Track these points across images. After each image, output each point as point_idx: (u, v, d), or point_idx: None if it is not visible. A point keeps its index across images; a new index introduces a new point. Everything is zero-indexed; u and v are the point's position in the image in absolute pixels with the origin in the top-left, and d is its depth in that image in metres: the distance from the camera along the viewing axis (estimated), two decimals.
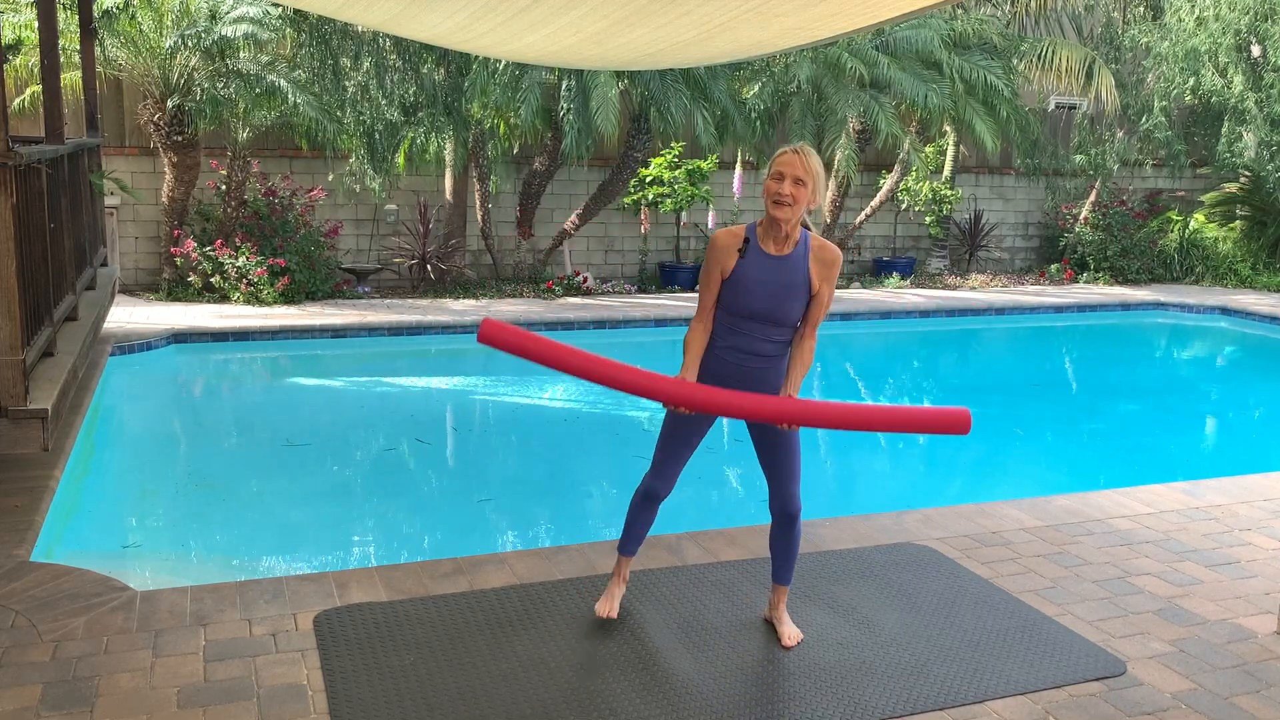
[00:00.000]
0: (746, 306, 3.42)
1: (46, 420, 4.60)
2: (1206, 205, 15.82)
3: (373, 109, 11.27)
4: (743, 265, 3.42)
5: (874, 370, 11.00)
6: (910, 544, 4.63)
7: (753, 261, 3.43)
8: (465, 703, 3.23)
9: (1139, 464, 7.49)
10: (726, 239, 3.46)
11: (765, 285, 3.41)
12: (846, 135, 12.74)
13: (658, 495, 3.64)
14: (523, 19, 5.03)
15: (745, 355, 3.47)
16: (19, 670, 3.36)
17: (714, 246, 3.46)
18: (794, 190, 3.33)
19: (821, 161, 3.43)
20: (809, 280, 3.45)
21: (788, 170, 3.33)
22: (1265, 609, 4.05)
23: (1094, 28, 15.56)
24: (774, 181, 3.36)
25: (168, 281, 11.33)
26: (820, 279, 3.46)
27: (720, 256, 3.44)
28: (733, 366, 3.48)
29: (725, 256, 3.44)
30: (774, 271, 3.42)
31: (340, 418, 8.21)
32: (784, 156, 3.36)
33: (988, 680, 3.45)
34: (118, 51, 10.67)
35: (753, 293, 3.41)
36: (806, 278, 3.44)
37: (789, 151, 3.37)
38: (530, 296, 12.14)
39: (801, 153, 3.35)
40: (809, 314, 3.49)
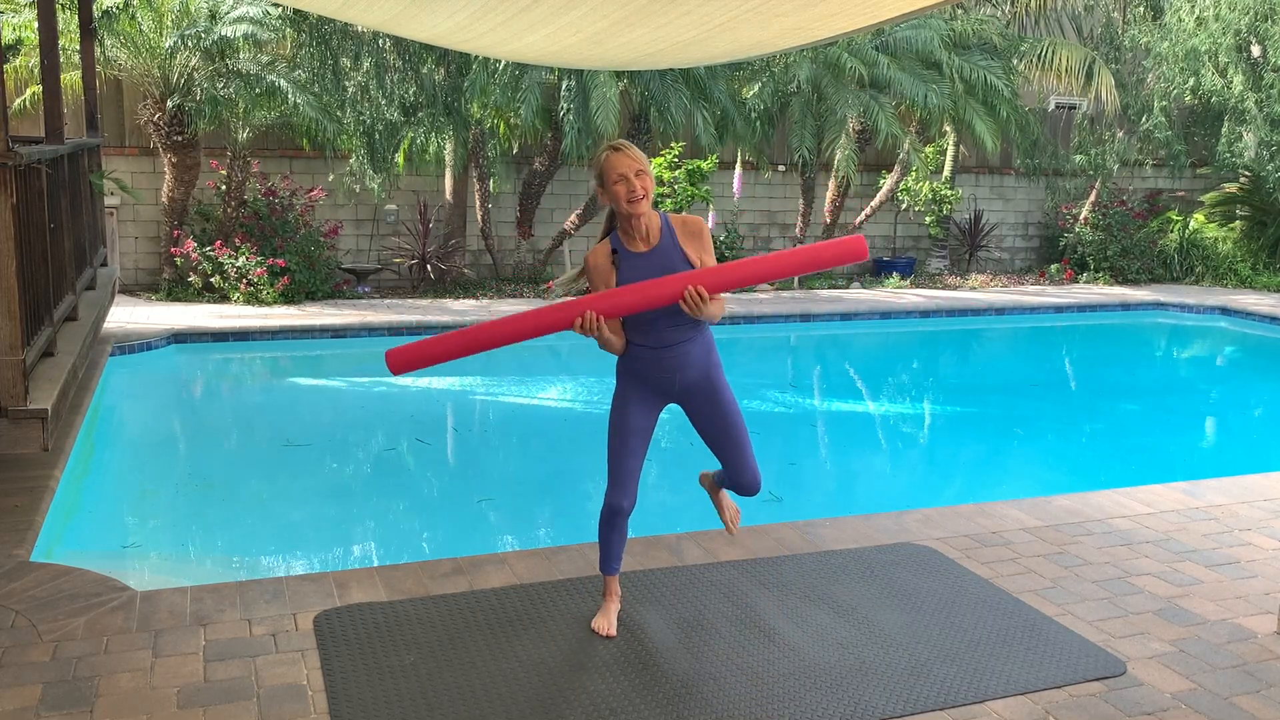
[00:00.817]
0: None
1: (46, 420, 4.60)
2: (1206, 205, 15.82)
3: (373, 109, 11.27)
4: (621, 274, 3.44)
5: (874, 370, 11.00)
6: (910, 544, 4.63)
7: (628, 265, 3.44)
8: (465, 703, 3.23)
9: (1139, 464, 7.49)
10: (598, 258, 3.48)
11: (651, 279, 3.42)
12: (846, 135, 12.74)
13: (622, 510, 3.60)
14: (523, 19, 5.03)
15: (659, 348, 3.49)
16: (19, 670, 3.36)
17: (590, 269, 3.50)
18: (642, 183, 3.36)
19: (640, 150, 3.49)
20: (687, 260, 3.44)
21: (627, 169, 3.36)
22: (1265, 609, 4.05)
23: (1094, 28, 15.56)
24: (620, 185, 3.36)
25: (168, 281, 11.34)
26: (697, 251, 3.46)
27: (601, 275, 3.47)
28: (655, 360, 3.51)
29: (604, 273, 3.46)
30: (651, 266, 3.43)
31: (340, 418, 8.21)
32: (614, 158, 3.37)
33: (988, 680, 3.45)
34: (118, 51, 10.67)
35: None
36: (683, 257, 3.44)
37: (613, 153, 3.39)
38: (530, 296, 12.14)
39: (625, 148, 3.40)
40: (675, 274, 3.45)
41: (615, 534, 3.66)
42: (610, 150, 3.40)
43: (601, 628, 3.69)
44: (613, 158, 3.38)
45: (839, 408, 9.06)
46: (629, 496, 3.59)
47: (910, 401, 9.60)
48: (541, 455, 7.49)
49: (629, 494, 3.59)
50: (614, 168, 3.37)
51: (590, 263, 3.51)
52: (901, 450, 8.07)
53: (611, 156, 3.38)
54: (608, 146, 3.43)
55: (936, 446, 8.25)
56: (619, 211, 3.43)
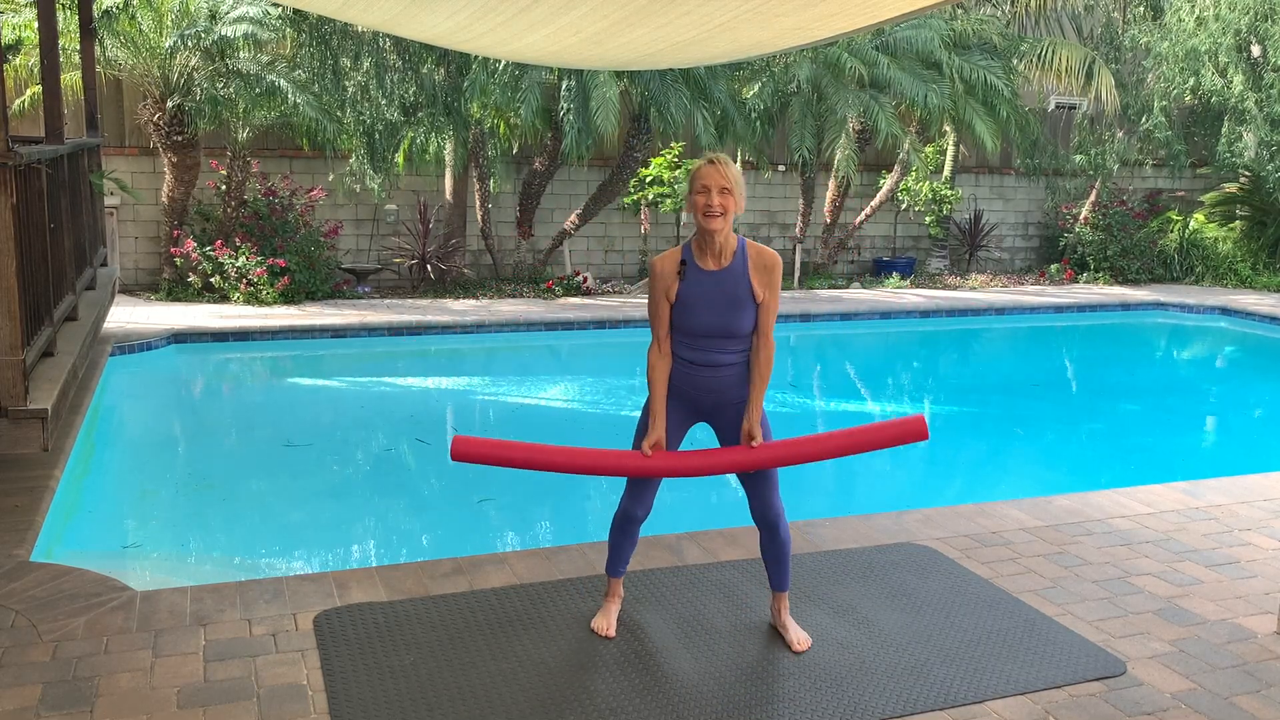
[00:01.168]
0: (696, 325, 3.44)
1: (46, 420, 4.60)
2: (1206, 205, 15.82)
3: (373, 109, 11.27)
4: (685, 286, 3.43)
5: (874, 370, 11.00)
6: (910, 544, 4.63)
7: (693, 280, 3.43)
8: (465, 703, 3.23)
9: (1139, 464, 7.49)
10: (665, 264, 3.47)
11: (710, 302, 3.42)
12: (846, 135, 12.74)
13: (636, 518, 3.62)
14: (523, 19, 5.03)
15: (701, 366, 3.49)
16: (19, 670, 3.36)
17: (655, 274, 3.48)
18: (722, 200, 3.34)
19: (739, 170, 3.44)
20: (752, 290, 3.44)
21: (711, 182, 3.34)
22: (1265, 609, 4.05)
23: (1094, 28, 15.56)
24: (700, 196, 3.35)
25: (168, 281, 11.34)
26: (763, 286, 3.44)
27: (663, 282, 3.46)
28: (696, 377, 3.51)
29: (668, 280, 3.45)
30: (716, 286, 3.42)
31: (340, 418, 8.21)
32: (704, 170, 3.36)
33: (988, 680, 3.45)
34: (118, 51, 10.67)
35: (700, 311, 3.43)
36: (749, 288, 3.43)
37: (706, 164, 3.38)
38: (530, 296, 12.14)
39: (720, 162, 3.37)
40: (759, 322, 3.48)
41: (626, 540, 3.67)
42: (706, 161, 3.38)
43: (601, 628, 3.69)
44: (704, 169, 3.36)
45: (839, 408, 9.06)
46: (645, 506, 3.60)
47: (910, 401, 9.59)
48: None
49: (645, 504, 3.59)
50: (700, 178, 3.36)
51: (657, 268, 3.48)
52: (901, 450, 8.06)
53: (704, 167, 3.36)
54: (705, 158, 3.40)
55: (936, 446, 8.25)
56: (697, 225, 3.41)
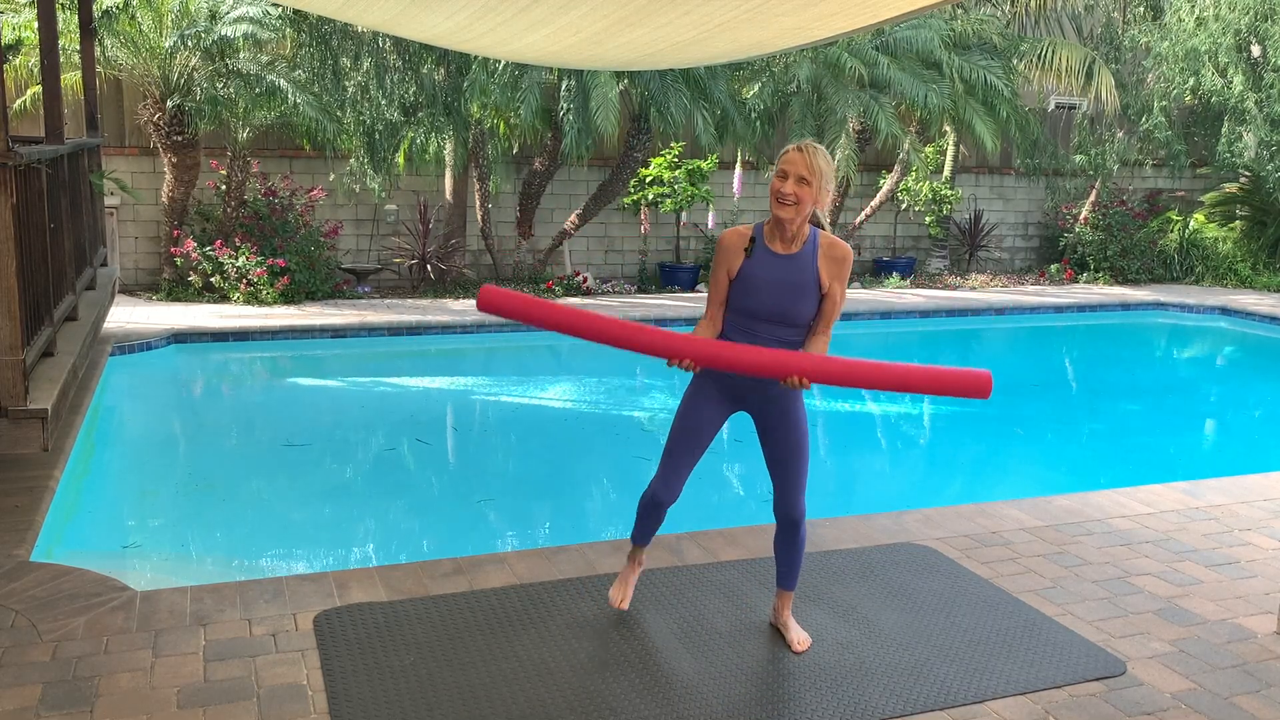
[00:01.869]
0: (754, 306, 3.37)
1: (46, 420, 4.60)
2: (1206, 205, 15.82)
3: (373, 109, 11.27)
4: (749, 264, 3.37)
5: None
6: (910, 544, 4.63)
7: (759, 260, 3.37)
8: (465, 703, 3.23)
9: (1139, 464, 7.49)
10: (733, 238, 3.41)
11: (773, 285, 3.35)
12: (846, 135, 12.74)
13: (663, 503, 3.57)
14: (523, 19, 5.03)
15: None
16: (19, 670, 3.36)
17: (721, 246, 3.43)
18: (797, 189, 3.26)
19: (830, 159, 3.35)
20: (818, 279, 3.37)
21: (791, 169, 3.28)
22: (1265, 609, 4.05)
23: (1094, 28, 15.56)
24: (778, 180, 3.30)
25: (168, 281, 11.34)
26: (831, 277, 3.38)
27: (727, 256, 3.41)
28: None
29: (732, 256, 3.39)
30: (781, 270, 3.36)
31: (340, 418, 8.21)
32: (788, 154, 3.31)
33: (988, 680, 3.45)
34: (118, 51, 10.67)
35: (760, 292, 3.36)
36: (816, 276, 3.37)
37: (793, 149, 3.31)
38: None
39: (806, 150, 3.29)
40: (822, 312, 3.41)
41: (651, 520, 3.66)
42: (795, 148, 3.31)
43: (615, 599, 3.69)
44: (790, 154, 3.30)
45: (839, 408, 9.06)
46: (674, 493, 3.55)
47: (910, 401, 9.60)
48: (541, 455, 7.49)
49: (674, 490, 3.55)
50: (783, 163, 3.30)
51: (724, 241, 3.42)
52: (901, 450, 8.07)
53: (791, 153, 3.30)
54: (796, 145, 3.32)
55: (936, 446, 8.25)
56: (771, 207, 3.33)
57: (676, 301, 12.24)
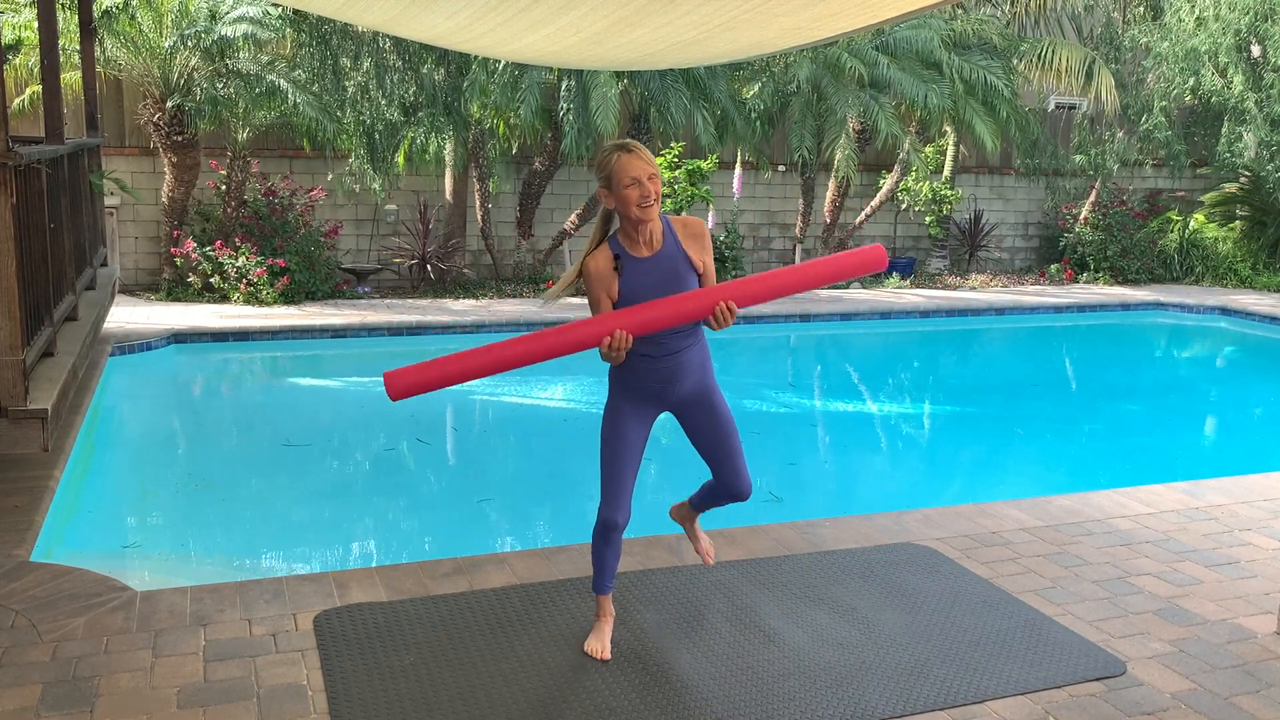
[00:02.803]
0: None
1: (46, 420, 4.60)
2: (1206, 205, 15.82)
3: (373, 109, 11.27)
4: (626, 281, 3.29)
5: (874, 370, 11.00)
6: (910, 544, 4.63)
7: (632, 272, 3.29)
8: (465, 703, 3.23)
9: (1139, 464, 7.49)
10: (599, 263, 3.29)
11: (656, 289, 3.28)
12: (846, 135, 12.74)
13: (617, 525, 3.45)
14: (523, 19, 5.03)
15: (664, 357, 3.37)
16: (19, 670, 3.36)
17: (591, 277, 3.29)
18: (654, 185, 3.23)
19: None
20: (690, 263, 3.34)
21: (640, 173, 3.20)
22: (1265, 609, 4.05)
23: (1094, 28, 15.56)
24: (632, 189, 3.20)
25: (168, 281, 11.34)
26: (698, 254, 3.35)
27: (603, 283, 3.28)
28: (659, 370, 3.38)
29: (606, 281, 3.28)
30: (657, 271, 3.30)
31: (340, 418, 8.21)
32: (627, 160, 3.21)
33: (988, 680, 3.45)
34: (118, 51, 10.67)
35: (649, 299, 3.26)
36: (688, 262, 3.34)
37: (625, 154, 3.22)
38: (530, 296, 12.14)
39: (635, 149, 3.24)
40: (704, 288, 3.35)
41: (609, 550, 3.49)
42: (622, 151, 3.24)
43: (596, 650, 3.53)
44: (625, 159, 3.22)
45: (839, 408, 9.06)
46: (624, 511, 3.44)
47: (910, 401, 9.60)
48: (541, 455, 7.49)
49: (624, 509, 3.44)
50: (626, 170, 3.21)
51: (591, 269, 3.30)
52: (901, 450, 8.07)
53: (624, 158, 3.22)
54: (616, 147, 3.26)
55: (936, 446, 8.25)
56: (627, 216, 3.25)
57: None
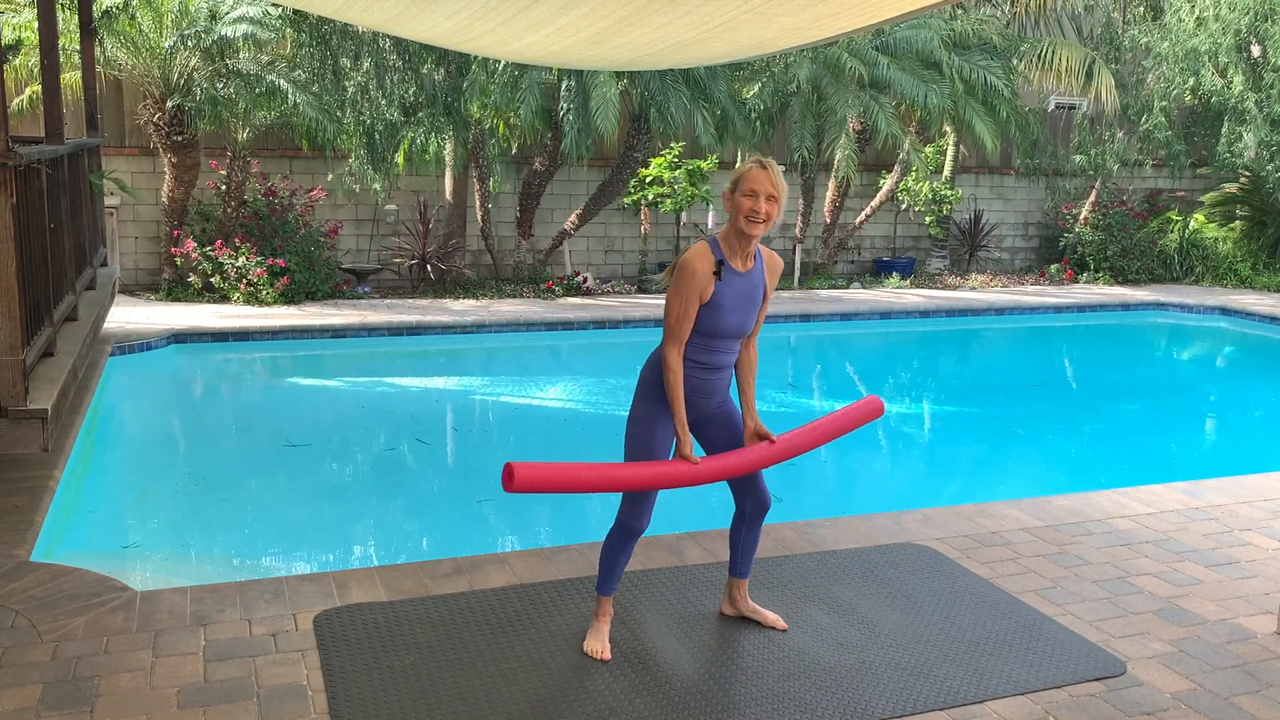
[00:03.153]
0: (722, 327, 3.38)
1: (46, 420, 4.60)
2: (1206, 205, 15.82)
3: (373, 109, 11.27)
4: (720, 287, 3.35)
5: (874, 370, 10.99)
6: (910, 544, 4.63)
7: (728, 282, 3.36)
8: (465, 703, 3.23)
9: (1139, 464, 7.49)
10: (703, 263, 3.32)
11: (739, 303, 3.38)
12: (846, 135, 12.74)
13: (638, 530, 3.52)
14: (523, 19, 5.03)
15: (710, 370, 3.46)
16: (19, 670, 3.36)
17: (691, 274, 3.31)
18: (769, 208, 3.29)
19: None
20: (765, 292, 3.48)
21: (760, 188, 3.28)
22: (1265, 609, 4.05)
23: (1094, 28, 15.56)
24: (748, 199, 3.28)
25: (168, 281, 11.34)
26: (771, 288, 3.50)
27: (699, 282, 3.31)
28: (705, 382, 3.47)
29: (704, 282, 3.32)
30: (744, 288, 3.40)
31: (340, 418, 8.21)
32: (754, 173, 3.30)
33: (988, 680, 3.45)
34: (118, 51, 10.67)
35: (729, 313, 3.37)
36: (764, 290, 3.47)
37: (756, 167, 3.31)
38: (530, 296, 12.14)
39: (771, 169, 3.31)
40: (758, 324, 3.55)
41: (624, 555, 3.56)
42: (756, 165, 3.32)
43: (595, 650, 3.54)
44: (755, 172, 3.30)
45: (839, 408, 9.06)
46: (648, 518, 3.51)
47: (910, 401, 9.60)
48: (541, 455, 7.49)
49: (648, 516, 3.51)
50: (751, 181, 3.29)
51: (693, 266, 3.31)
52: (901, 450, 8.07)
53: (755, 171, 3.30)
54: (756, 160, 3.35)
55: (936, 446, 8.26)
56: (735, 224, 3.34)
57: None
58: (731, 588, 3.84)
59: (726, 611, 3.87)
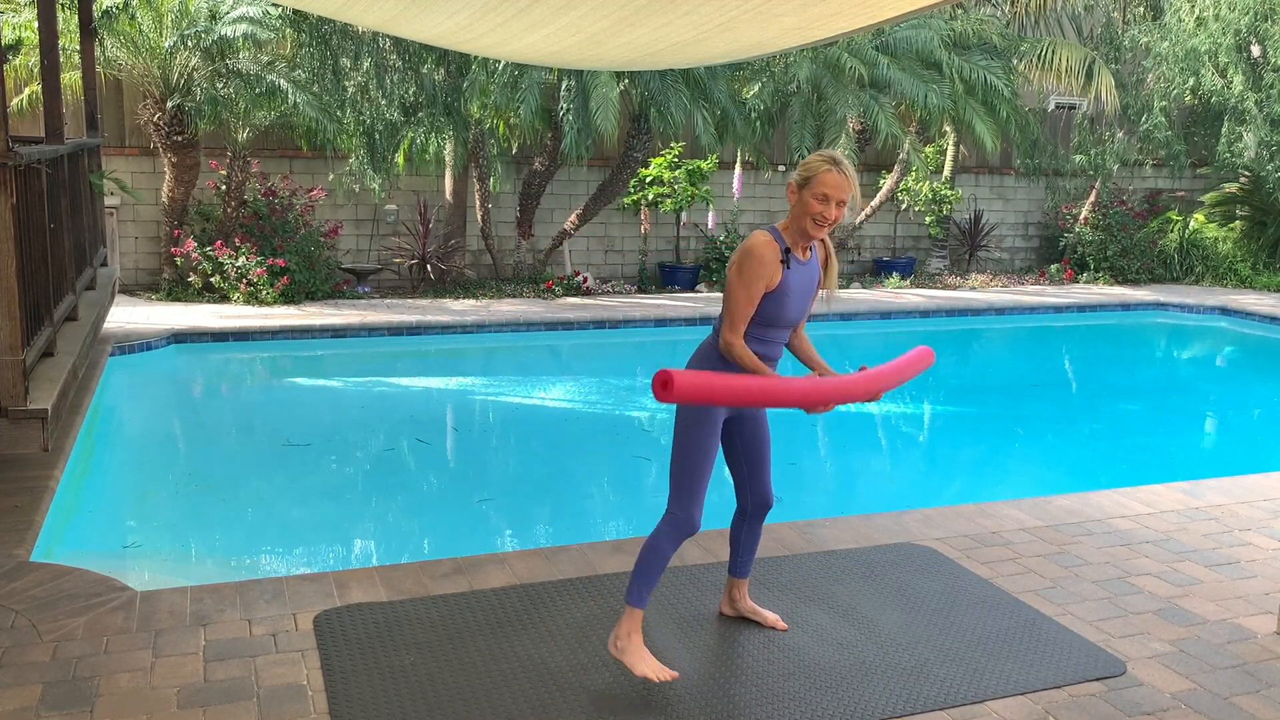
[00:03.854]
0: (783, 316, 3.32)
1: (46, 420, 4.60)
2: (1206, 205, 15.82)
3: (373, 109, 11.27)
4: (786, 276, 3.28)
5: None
6: (910, 544, 4.63)
7: (794, 271, 3.31)
8: (465, 703, 3.23)
9: (1139, 464, 7.49)
10: (770, 252, 3.23)
11: (800, 293, 3.34)
12: (846, 135, 12.74)
13: (694, 527, 3.36)
14: (523, 19, 5.03)
15: (770, 360, 3.43)
16: (19, 670, 3.36)
17: (760, 260, 3.22)
18: (838, 213, 3.23)
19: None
20: (821, 282, 3.49)
21: (833, 193, 3.19)
22: (1265, 609, 4.05)
23: (1094, 28, 15.56)
24: (820, 203, 3.20)
25: (168, 281, 11.34)
26: (825, 278, 3.51)
27: (767, 270, 3.23)
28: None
29: (772, 270, 3.24)
30: (805, 278, 3.37)
31: (340, 418, 8.21)
32: (831, 176, 3.18)
33: (988, 680, 3.45)
34: (118, 51, 10.67)
35: (792, 302, 3.32)
36: (820, 280, 3.48)
37: (834, 171, 3.19)
38: (530, 296, 12.14)
39: (845, 171, 3.21)
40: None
41: (667, 559, 3.40)
42: (834, 166, 3.20)
43: (654, 672, 3.31)
44: (834, 175, 3.19)
45: (838, 408, 9.05)
46: (700, 512, 3.38)
47: (910, 401, 9.60)
48: (541, 455, 7.49)
49: (700, 509, 3.38)
50: (824, 185, 3.18)
51: (762, 254, 3.22)
52: (901, 450, 8.07)
53: (833, 174, 3.19)
54: (832, 160, 3.21)
55: (936, 446, 8.25)
56: (800, 223, 3.26)
57: (676, 301, 12.24)
58: (731, 587, 3.83)
59: (726, 612, 3.86)
